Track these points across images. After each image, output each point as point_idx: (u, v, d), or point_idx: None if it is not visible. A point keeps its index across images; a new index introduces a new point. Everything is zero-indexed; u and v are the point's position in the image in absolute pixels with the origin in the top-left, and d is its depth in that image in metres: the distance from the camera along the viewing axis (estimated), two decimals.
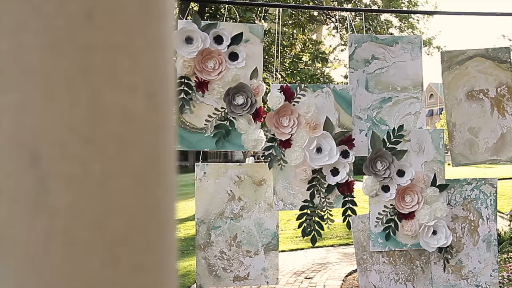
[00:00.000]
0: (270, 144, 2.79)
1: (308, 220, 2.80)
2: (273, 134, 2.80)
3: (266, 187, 2.88)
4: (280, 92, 2.81)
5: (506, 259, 4.70)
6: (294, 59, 7.59)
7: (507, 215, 5.85)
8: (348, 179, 2.80)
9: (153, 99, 0.49)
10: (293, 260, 6.45)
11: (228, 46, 2.84)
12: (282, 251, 6.91)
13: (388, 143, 2.85)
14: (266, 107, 3.31)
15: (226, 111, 2.83)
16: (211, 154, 31.19)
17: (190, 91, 2.83)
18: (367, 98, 2.94)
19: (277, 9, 5.02)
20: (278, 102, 2.79)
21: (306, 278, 5.47)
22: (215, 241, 2.88)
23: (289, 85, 2.84)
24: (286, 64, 7.59)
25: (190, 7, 6.59)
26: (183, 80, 2.83)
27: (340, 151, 2.80)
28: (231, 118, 2.84)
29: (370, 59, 2.97)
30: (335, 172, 2.79)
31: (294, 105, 2.82)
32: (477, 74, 3.08)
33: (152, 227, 0.47)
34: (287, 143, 2.80)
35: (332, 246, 7.29)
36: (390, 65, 2.98)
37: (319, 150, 2.78)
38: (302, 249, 7.05)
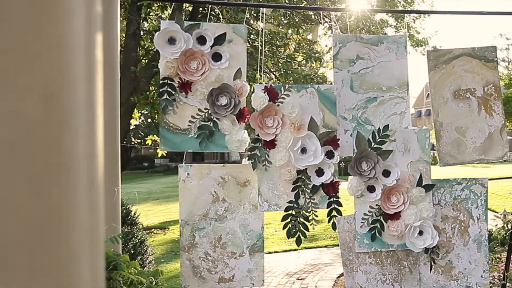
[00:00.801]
0: (255, 144, 2.77)
1: (293, 221, 2.77)
2: (257, 135, 2.77)
3: (250, 188, 2.85)
4: (264, 93, 2.78)
5: (498, 258, 4.67)
6: (288, 59, 7.55)
7: (501, 215, 5.83)
8: (333, 180, 2.77)
9: (51, 101, 0.46)
10: (286, 261, 6.43)
11: (211, 46, 2.82)
12: (275, 252, 6.90)
13: (373, 143, 2.82)
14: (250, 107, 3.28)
15: (209, 112, 2.81)
16: (207, 155, 31.16)
17: (173, 92, 2.81)
18: (352, 98, 2.92)
19: (266, 9, 4.99)
20: (262, 103, 2.77)
21: (298, 279, 5.45)
22: (199, 242, 2.86)
23: (273, 85, 2.82)
24: (280, 64, 7.56)
25: (184, 7, 6.58)
26: (166, 81, 2.81)
27: (325, 151, 2.77)
28: (214, 119, 2.81)
29: (355, 59, 2.94)
30: (320, 172, 2.77)
31: (278, 105, 2.79)
32: (464, 73, 3.06)
33: (50, 230, 0.45)
34: (271, 144, 2.77)
35: (325, 246, 7.27)
36: (375, 65, 2.96)
37: (303, 150, 2.76)
38: (295, 250, 7.04)
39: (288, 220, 2.77)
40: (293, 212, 2.77)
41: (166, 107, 2.81)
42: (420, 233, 2.79)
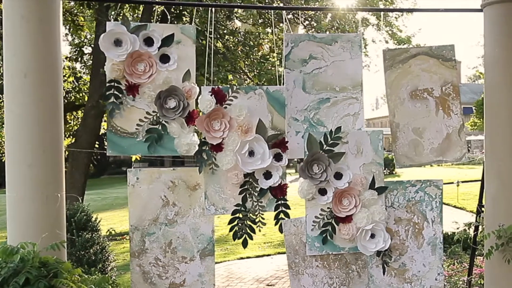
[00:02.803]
0: (201, 148, 2.72)
1: (240, 224, 2.73)
2: (204, 138, 2.72)
3: (200, 192, 2.80)
4: (211, 95, 2.73)
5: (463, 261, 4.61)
6: (261, 60, 7.47)
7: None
8: (281, 183, 2.72)
9: None
10: (258, 266, 6.39)
11: (159, 48, 2.76)
12: (248, 257, 6.85)
13: (325, 146, 2.76)
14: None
15: (157, 115, 2.75)
16: (189, 159, 30.93)
17: (120, 95, 2.75)
18: (304, 99, 2.86)
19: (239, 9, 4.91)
20: (209, 105, 2.71)
21: (268, 285, 5.40)
22: (149, 248, 2.81)
23: (220, 87, 2.76)
24: (254, 65, 7.47)
25: (154, 8, 6.52)
26: (112, 83, 2.76)
27: (273, 154, 2.72)
28: (163, 122, 2.76)
29: (307, 59, 2.88)
30: (267, 175, 2.71)
31: (226, 107, 2.74)
32: (421, 72, 2.99)
33: None
34: (218, 147, 2.72)
35: None
36: (328, 65, 2.89)
37: (251, 153, 2.70)
38: (268, 255, 6.98)
39: (235, 223, 2.72)
40: (240, 215, 2.72)
41: (113, 110, 2.76)
42: (372, 236, 2.74)
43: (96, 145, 9.55)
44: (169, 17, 3.52)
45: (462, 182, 11.64)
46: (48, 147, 2.57)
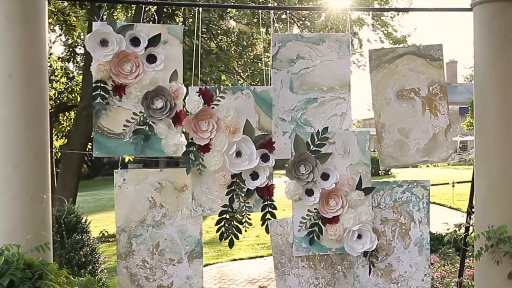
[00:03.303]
0: (189, 148, 2.71)
1: (226, 225, 2.72)
2: (192, 139, 2.71)
3: (188, 193, 2.79)
4: (199, 95, 2.72)
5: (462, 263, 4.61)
6: (255, 60, 7.46)
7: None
8: (268, 183, 2.72)
9: None
10: (251, 268, 6.38)
11: (146, 48, 2.75)
12: (241, 259, 6.84)
13: (312, 146, 2.76)
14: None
15: (144, 115, 2.74)
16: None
17: (106, 95, 2.74)
18: (292, 99, 2.86)
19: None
20: (197, 106, 2.70)
21: (260, 287, 5.39)
22: (136, 249, 2.80)
23: (208, 87, 2.75)
24: (248, 66, 7.47)
25: (147, 8, 6.49)
26: (99, 84, 2.74)
27: (260, 154, 2.71)
28: (150, 123, 2.75)
29: (295, 59, 2.88)
30: (255, 176, 2.71)
31: (213, 108, 2.73)
32: (408, 72, 2.99)
33: None
34: (206, 148, 2.71)
35: None
36: (316, 65, 2.89)
37: (238, 154, 2.70)
38: (261, 256, 6.96)
39: (222, 224, 2.71)
40: (227, 216, 2.72)
41: (100, 111, 2.74)
42: (359, 236, 2.74)
43: (89, 146, 9.50)
44: (156, 17, 3.50)
45: (458, 182, 11.66)
46: (33, 148, 2.55)
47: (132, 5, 6.67)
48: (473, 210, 3.20)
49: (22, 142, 2.53)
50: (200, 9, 3.04)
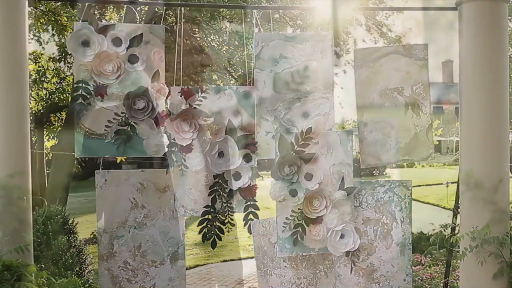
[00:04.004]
0: (171, 149, 2.69)
1: (209, 226, 2.71)
2: (174, 139, 2.70)
3: (170, 194, 2.78)
4: (181, 96, 2.71)
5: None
6: (248, 60, 7.43)
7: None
8: (250, 184, 2.71)
9: None
10: (241, 269, 6.36)
11: (127, 48, 2.73)
12: (231, 260, 6.82)
13: (296, 146, 2.75)
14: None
15: (126, 116, 2.72)
16: None
17: (88, 96, 2.72)
18: (275, 99, 2.84)
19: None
20: (179, 106, 2.69)
21: None
22: (118, 251, 2.78)
23: (190, 87, 2.74)
24: (239, 65, 7.44)
25: (140, 8, 6.45)
26: (80, 84, 2.73)
27: (243, 155, 2.70)
28: (132, 123, 2.73)
29: (278, 58, 2.87)
30: (237, 176, 2.70)
31: (195, 108, 2.72)
32: (392, 72, 2.99)
33: None
34: (188, 148, 2.70)
35: None
36: (299, 64, 2.88)
37: (221, 154, 2.69)
38: (252, 257, 6.92)
39: (204, 224, 2.70)
40: (210, 217, 2.70)
41: (81, 112, 2.72)
42: (342, 236, 2.74)
43: None
44: (139, 18, 3.48)
45: (452, 183, 11.67)
46: (13, 149, 2.53)
47: (123, 5, 6.64)
48: (459, 210, 3.20)
49: (1, 143, 2.50)
50: (183, 9, 3.03)
